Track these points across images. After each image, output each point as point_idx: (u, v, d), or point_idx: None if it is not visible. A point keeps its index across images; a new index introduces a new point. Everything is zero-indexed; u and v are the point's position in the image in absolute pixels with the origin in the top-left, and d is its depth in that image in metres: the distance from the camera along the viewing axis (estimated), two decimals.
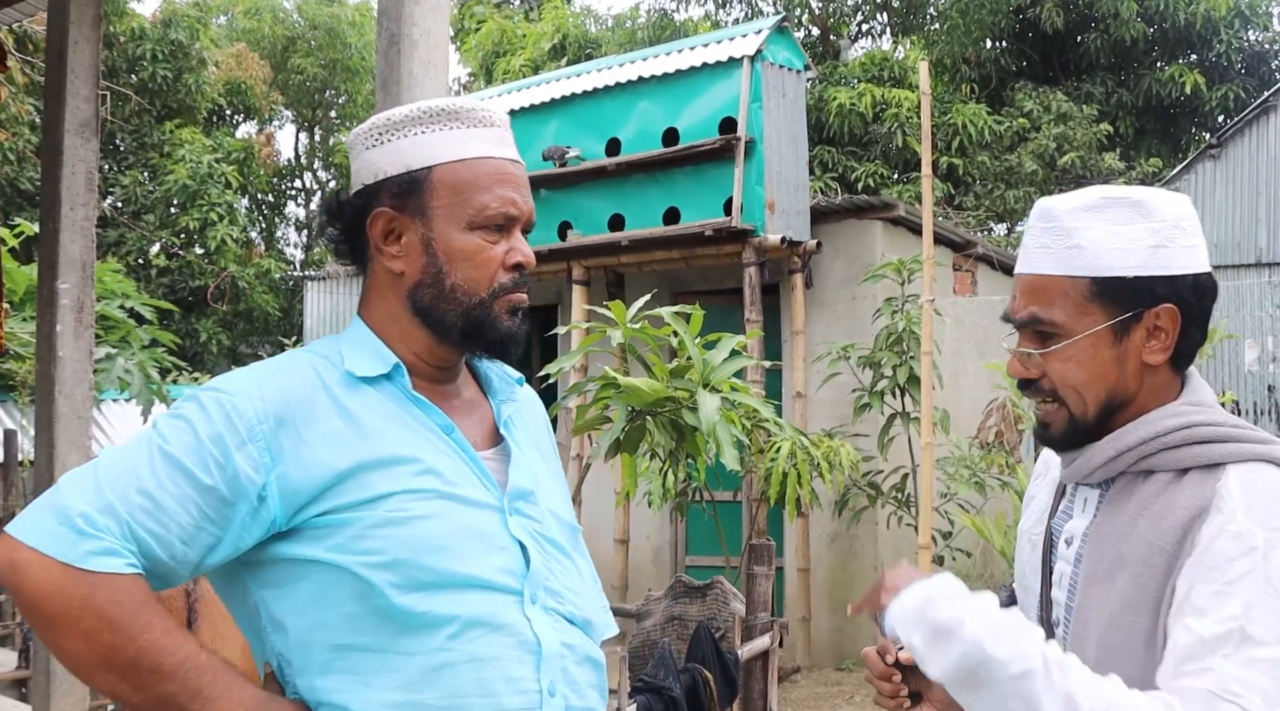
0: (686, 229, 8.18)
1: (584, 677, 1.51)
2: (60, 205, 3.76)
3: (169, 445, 1.37)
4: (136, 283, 12.13)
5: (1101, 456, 1.53)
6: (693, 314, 4.38)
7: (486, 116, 1.56)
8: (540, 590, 1.48)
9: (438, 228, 1.50)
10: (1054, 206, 1.55)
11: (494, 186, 1.52)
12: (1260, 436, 1.49)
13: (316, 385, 1.46)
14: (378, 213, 1.52)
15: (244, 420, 1.39)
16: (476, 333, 1.52)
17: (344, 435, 1.43)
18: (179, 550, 1.35)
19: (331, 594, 1.39)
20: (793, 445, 6.72)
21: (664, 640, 3.84)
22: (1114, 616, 1.46)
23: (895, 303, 7.63)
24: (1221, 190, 14.08)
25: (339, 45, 21.85)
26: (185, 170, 17.07)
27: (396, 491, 1.41)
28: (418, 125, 1.53)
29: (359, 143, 1.57)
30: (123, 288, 7.29)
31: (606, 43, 17.26)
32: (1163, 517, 1.44)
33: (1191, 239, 1.52)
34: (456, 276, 1.50)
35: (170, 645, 1.33)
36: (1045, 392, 1.56)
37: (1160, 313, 1.50)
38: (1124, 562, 1.46)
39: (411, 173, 1.51)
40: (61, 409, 3.70)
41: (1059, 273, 1.52)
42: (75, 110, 3.79)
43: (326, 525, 1.39)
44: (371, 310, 1.57)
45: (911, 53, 16.11)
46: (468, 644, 1.39)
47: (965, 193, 14.74)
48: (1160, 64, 15.96)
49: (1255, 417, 13.23)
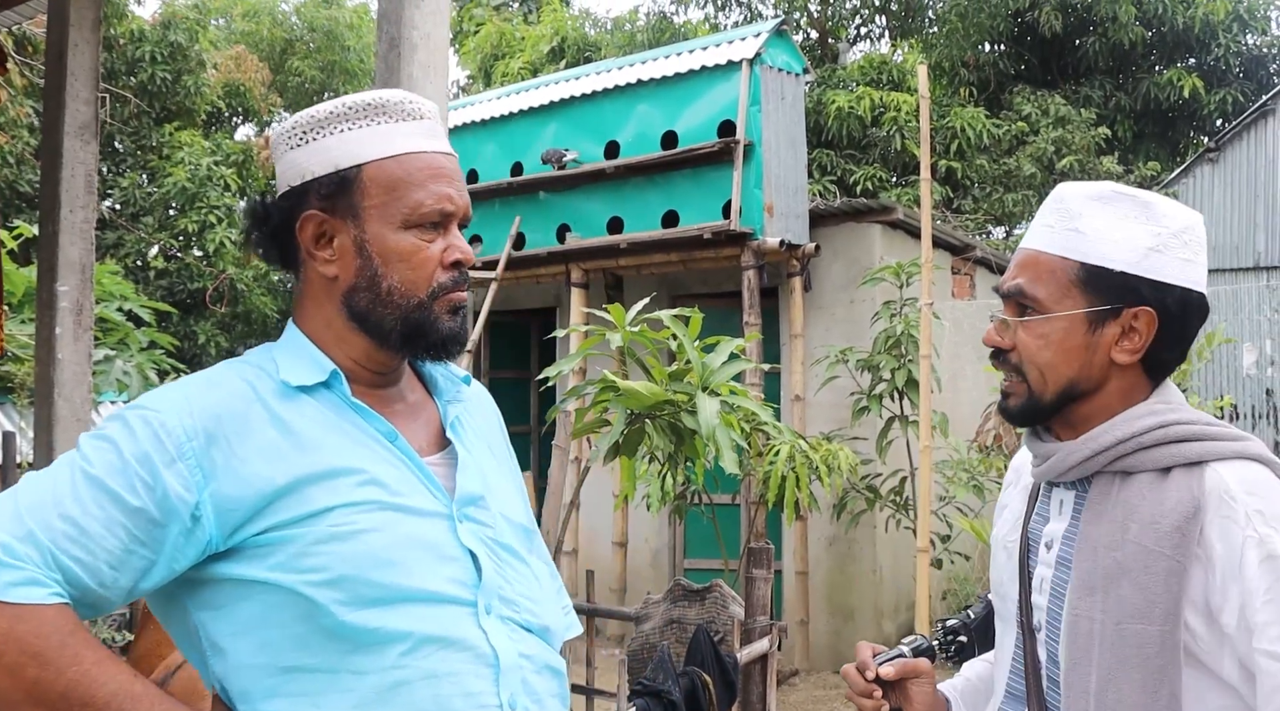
0: (685, 232, 8.19)
1: (544, 687, 1.46)
2: (60, 208, 3.77)
3: (92, 467, 1.30)
4: (135, 285, 12.14)
5: (1076, 456, 1.54)
6: (692, 317, 4.38)
7: (415, 108, 1.48)
8: (495, 599, 1.43)
9: (371, 228, 1.44)
10: (1067, 191, 1.59)
11: (428, 182, 1.45)
12: (1234, 433, 1.51)
13: (250, 397, 1.40)
14: (307, 216, 1.45)
15: (172, 437, 1.33)
16: (417, 335, 1.46)
17: (281, 448, 1.37)
18: (108, 576, 1.29)
19: (275, 614, 1.33)
20: (791, 448, 6.72)
21: (663, 643, 3.84)
22: (1121, 625, 1.46)
23: (894, 306, 7.64)
24: (1219, 194, 14.09)
25: (337, 48, 21.85)
26: (184, 172, 17.06)
27: (338, 505, 1.36)
28: (344, 121, 1.45)
29: (282, 143, 1.49)
30: (121, 290, 7.30)
31: (606, 45, 17.28)
32: (1156, 522, 1.45)
33: (1190, 253, 1.53)
34: (393, 278, 1.44)
35: (101, 676, 1.26)
36: (1012, 366, 1.59)
37: (1138, 314, 1.52)
38: (1123, 570, 1.47)
39: (340, 172, 1.44)
40: (60, 411, 3.71)
41: (1053, 251, 1.56)
42: (75, 113, 3.80)
43: (266, 543, 1.34)
44: (306, 316, 1.50)
45: (910, 56, 16.12)
46: (422, 660, 1.34)
47: (964, 196, 14.75)
48: (1158, 68, 15.98)
49: (1253, 421, 13.24)
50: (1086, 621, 1.50)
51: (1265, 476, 1.46)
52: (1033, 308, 1.56)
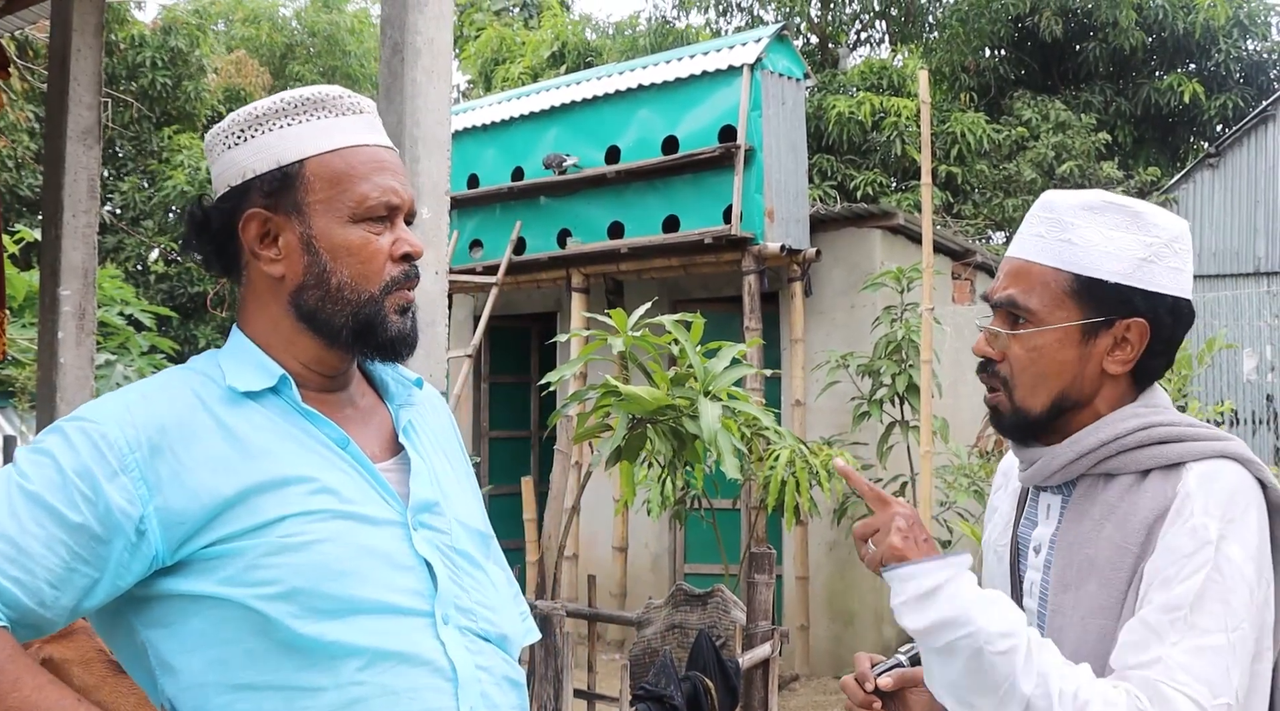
0: (686, 237, 8.20)
1: (504, 699, 1.43)
2: (62, 212, 3.77)
3: (30, 483, 1.26)
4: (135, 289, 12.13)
5: (1060, 460, 1.55)
6: (694, 322, 4.38)
7: (354, 103, 1.46)
8: (451, 609, 1.40)
9: (317, 224, 1.40)
10: (1056, 200, 1.58)
11: (371, 174, 1.42)
12: (1215, 434, 1.51)
13: (195, 405, 1.36)
14: (250, 214, 1.41)
15: (114, 449, 1.28)
16: (367, 333, 1.42)
17: (228, 458, 1.32)
18: (49, 595, 1.24)
19: (226, 630, 1.29)
20: (792, 453, 6.72)
21: (665, 648, 3.85)
22: (1084, 621, 1.48)
23: (894, 311, 7.64)
24: (1220, 199, 14.10)
25: (338, 53, 21.88)
26: (184, 176, 17.08)
27: (289, 514, 1.32)
28: (283, 117, 1.42)
29: (219, 143, 1.45)
30: (122, 294, 7.30)
31: (607, 50, 17.29)
32: (1127, 520, 1.47)
33: (1180, 261, 1.54)
34: (343, 273, 1.40)
35: (44, 702, 1.22)
36: (999, 378, 1.59)
37: (1131, 325, 1.53)
38: (1093, 567, 1.49)
39: (283, 168, 1.40)
40: (62, 414, 3.71)
41: (1046, 262, 1.55)
42: (78, 118, 3.81)
43: (215, 557, 1.29)
44: (251, 320, 1.45)
45: (910, 61, 16.14)
46: (379, 675, 1.31)
47: (964, 201, 14.76)
48: (1159, 73, 15.99)
49: (1254, 427, 13.24)
50: (1061, 617, 1.51)
51: (1234, 474, 1.46)
52: (1025, 318, 1.55)
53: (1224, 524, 1.42)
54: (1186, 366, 7.13)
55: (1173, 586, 1.40)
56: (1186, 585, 1.40)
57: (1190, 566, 1.40)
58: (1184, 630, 1.38)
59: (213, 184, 1.47)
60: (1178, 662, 1.37)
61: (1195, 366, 7.39)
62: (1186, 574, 1.40)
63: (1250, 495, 1.46)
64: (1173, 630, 1.38)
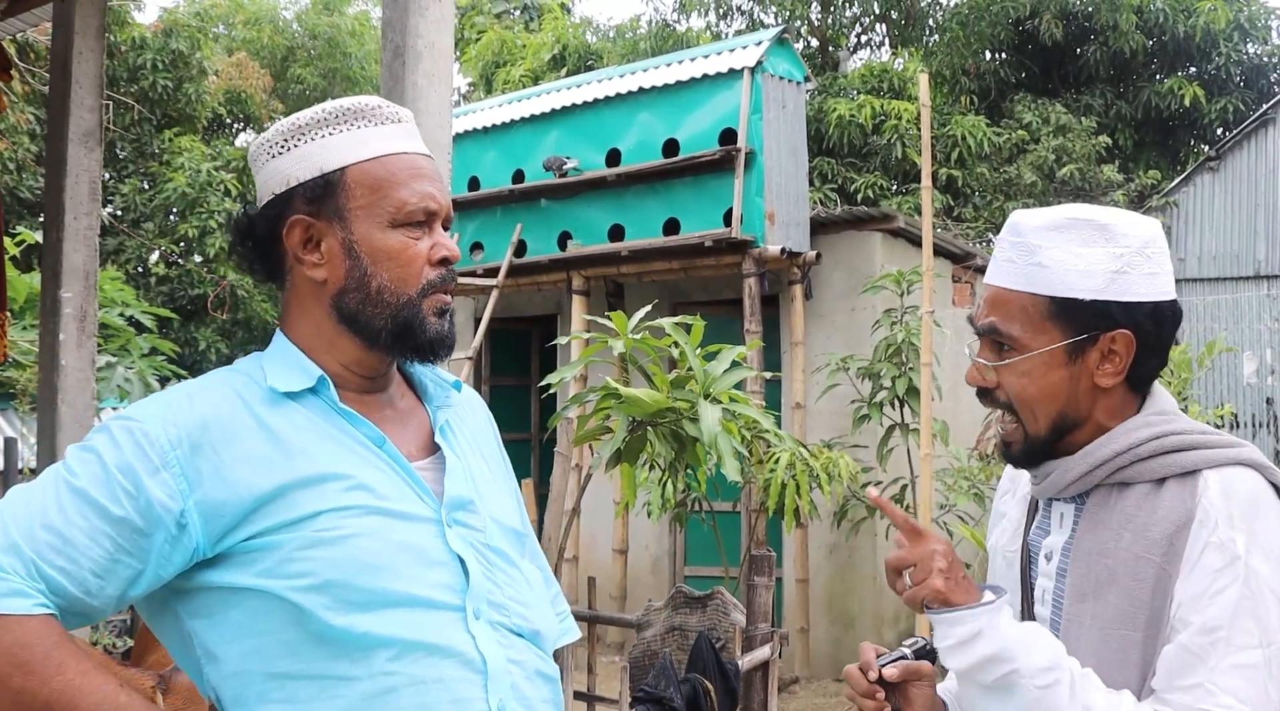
0: (686, 240, 8.20)
1: (536, 694, 1.46)
2: (64, 214, 3.78)
3: (76, 479, 1.32)
4: (136, 291, 12.14)
5: (1075, 472, 1.55)
6: (694, 325, 4.39)
7: (392, 113, 1.51)
8: (483, 604, 1.43)
9: (358, 229, 1.45)
10: (1022, 222, 1.58)
11: (411, 181, 1.47)
12: (1228, 440, 1.52)
13: (236, 404, 1.41)
14: (294, 221, 1.46)
15: (155, 447, 1.34)
16: (406, 335, 1.47)
17: (267, 455, 1.38)
18: (94, 585, 1.31)
19: (263, 621, 1.34)
20: (792, 456, 6.73)
21: (665, 650, 3.85)
22: (1105, 630, 1.48)
23: (895, 314, 7.65)
24: (1220, 202, 14.11)
25: (338, 55, 21.89)
26: (184, 178, 17.09)
27: (325, 510, 1.36)
28: (324, 127, 1.48)
29: (263, 153, 1.51)
30: (123, 296, 7.31)
31: (608, 53, 17.30)
32: (1147, 529, 1.47)
33: (1155, 266, 1.54)
34: (382, 277, 1.45)
35: (86, 687, 1.27)
36: (1001, 404, 1.60)
37: (1116, 337, 1.53)
38: (1113, 577, 1.49)
39: (325, 175, 1.45)
40: (64, 417, 3.72)
41: (1020, 288, 1.55)
42: (79, 120, 3.81)
43: (254, 549, 1.34)
44: (294, 324, 1.51)
45: (910, 64, 16.14)
46: (410, 666, 1.34)
47: (964, 204, 14.77)
48: (1159, 76, 16.00)
49: (1254, 430, 13.24)
50: (1078, 627, 1.52)
51: (1251, 481, 1.47)
52: (1010, 345, 1.56)
53: (1248, 537, 1.42)
54: (1187, 370, 7.14)
55: (1206, 607, 1.41)
56: (1219, 603, 1.41)
57: (1220, 582, 1.41)
58: (1222, 651, 1.39)
59: (257, 192, 1.52)
60: (1218, 685, 1.38)
61: (1195, 370, 7.39)
62: (1217, 591, 1.41)
63: (1268, 501, 1.47)
64: (1213, 652, 1.39)
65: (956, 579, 1.50)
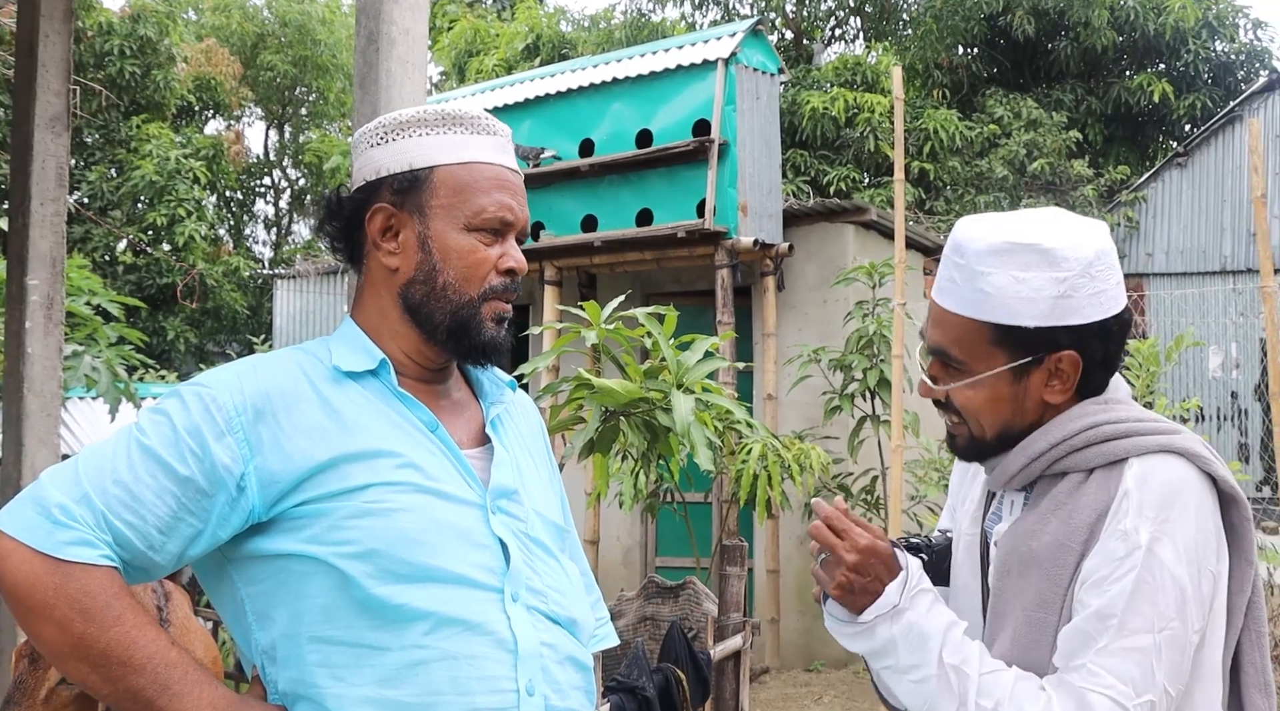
0: (659, 230, 8.19)
1: (566, 678, 1.50)
2: (30, 200, 3.72)
3: (147, 438, 1.40)
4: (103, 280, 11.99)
5: (1014, 465, 1.59)
6: (667, 315, 4.38)
7: (490, 125, 1.58)
8: (522, 589, 1.48)
9: (435, 226, 1.53)
10: (965, 242, 1.57)
11: (493, 191, 1.54)
12: (1166, 427, 1.53)
13: (299, 379, 1.49)
14: (377, 208, 1.54)
15: (222, 412, 1.41)
16: (461, 334, 1.53)
17: (325, 428, 1.45)
18: (157, 540, 1.38)
19: (307, 585, 1.40)
20: (763, 447, 6.74)
21: (637, 640, 3.85)
22: (1027, 612, 1.52)
23: (866, 306, 7.67)
24: (1187, 198, 14.24)
25: (309, 42, 21.72)
26: (152, 166, 16.92)
27: (375, 483, 1.43)
28: (423, 127, 1.55)
29: (364, 141, 1.59)
30: (90, 284, 7.19)
31: (583, 43, 17.26)
32: (1071, 517, 1.50)
33: (1101, 284, 1.52)
34: (449, 275, 1.52)
35: (141, 639, 1.35)
36: (954, 410, 1.63)
37: (1062, 358, 1.54)
38: (1035, 560, 1.52)
39: (414, 170, 1.53)
40: (30, 406, 3.67)
41: (963, 314, 1.56)
42: (46, 104, 3.76)
43: (304, 516, 1.41)
44: (364, 308, 1.59)
45: (884, 58, 16.20)
46: (442, 641, 1.40)
47: (936, 197, 14.84)
48: (1129, 72, 16.13)
49: (1219, 423, 13.39)
50: (1002, 603, 1.56)
51: (1176, 469, 1.49)
52: (956, 366, 1.58)
53: (1157, 525, 1.44)
54: (1155, 363, 7.20)
55: (1104, 591, 1.45)
56: (1116, 589, 1.44)
57: (1120, 570, 1.44)
58: (1114, 634, 1.42)
59: (352, 177, 1.61)
60: (1102, 666, 1.42)
61: (1163, 364, 7.46)
62: (1116, 577, 1.44)
63: (1191, 491, 1.48)
64: (1103, 635, 1.43)
65: (856, 589, 1.57)
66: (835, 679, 7.74)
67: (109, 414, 6.87)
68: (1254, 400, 13.33)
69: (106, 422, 7.59)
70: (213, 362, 17.01)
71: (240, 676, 4.51)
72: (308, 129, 23.94)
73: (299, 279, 14.42)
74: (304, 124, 24.01)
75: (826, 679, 7.74)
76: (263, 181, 24.07)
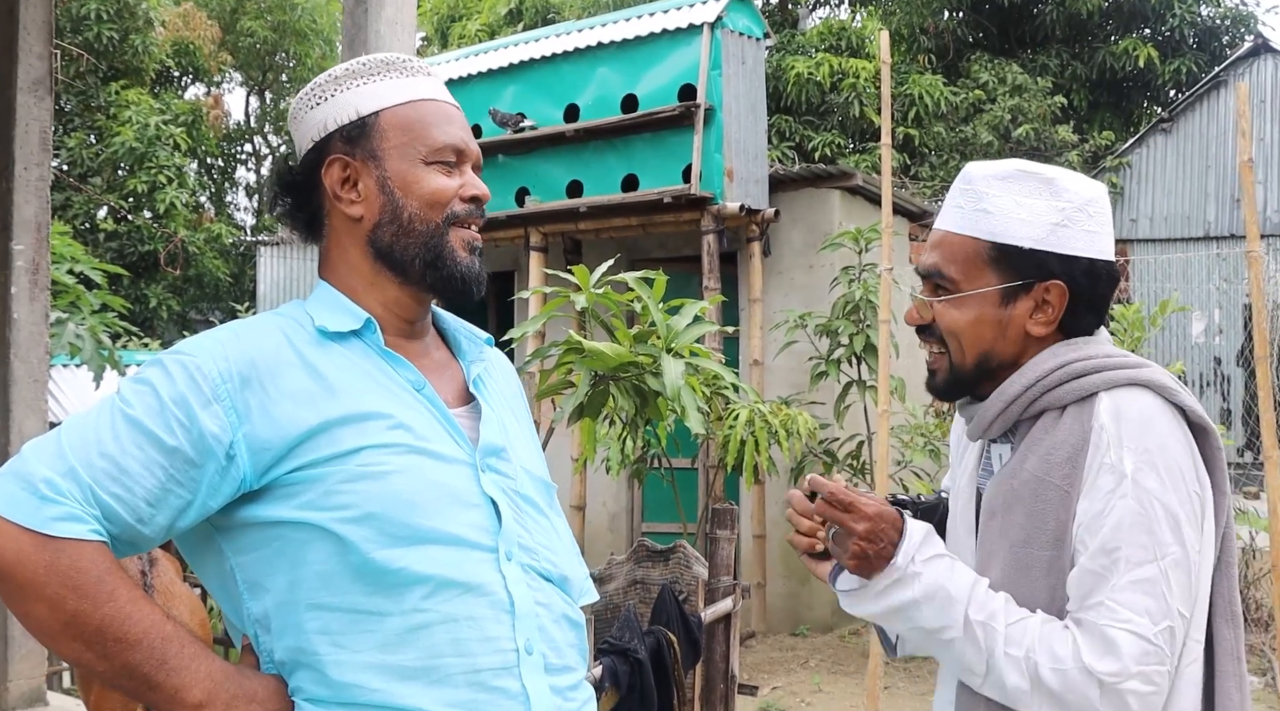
0: (645, 196, 8.17)
1: (561, 636, 1.51)
2: (14, 165, 3.69)
3: (131, 409, 1.37)
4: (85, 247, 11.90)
5: (992, 410, 1.63)
6: (656, 279, 4.38)
7: (422, 67, 1.60)
8: (514, 547, 1.48)
9: (392, 166, 1.52)
10: (973, 171, 1.66)
11: (442, 122, 1.56)
12: (1133, 361, 1.58)
13: (282, 343, 1.46)
14: (332, 159, 1.53)
15: (208, 380, 1.38)
16: (437, 264, 1.53)
17: (312, 392, 1.43)
18: (145, 513, 1.35)
19: (304, 553, 1.38)
20: (750, 412, 6.76)
21: (627, 603, 3.88)
22: (1013, 549, 1.57)
23: (852, 271, 7.68)
24: (1172, 164, 14.27)
25: (287, 7, 21.47)
26: (132, 132, 16.76)
27: (367, 445, 1.41)
28: (359, 77, 1.56)
29: (302, 106, 1.58)
30: (71, 251, 7.13)
31: (567, 7, 17.11)
32: (1049, 454, 1.55)
33: (1095, 225, 1.61)
34: (412, 207, 1.52)
35: (135, 614, 1.32)
36: (935, 337, 1.67)
37: (1050, 287, 1.60)
38: (1018, 498, 1.57)
39: (361, 117, 1.53)
40: (17, 372, 3.65)
41: (963, 232, 1.63)
42: (28, 68, 3.72)
43: (297, 482, 1.39)
44: (333, 267, 1.57)
45: (869, 22, 16.13)
46: (442, 604, 1.39)
47: (921, 163, 14.83)
48: (1114, 37, 16.10)
49: (1201, 389, 13.48)
50: (990, 543, 1.60)
51: (1144, 401, 1.53)
52: (948, 287, 1.63)
53: (1138, 455, 1.49)
54: (1139, 329, 7.24)
55: (1101, 527, 1.49)
56: (1111, 523, 1.48)
57: (1112, 503, 1.49)
58: (1122, 569, 1.47)
59: (296, 148, 1.59)
60: (1117, 601, 1.47)
61: (1147, 329, 7.50)
62: (1110, 511, 1.49)
63: (1163, 420, 1.53)
64: (1111, 571, 1.47)
65: (871, 556, 1.59)
66: (821, 643, 7.81)
67: (93, 381, 6.84)
68: (1237, 366, 13.42)
69: (91, 390, 7.54)
70: (195, 330, 16.92)
71: (229, 642, 4.51)
72: (288, 95, 23.72)
73: (283, 246, 14.34)
74: (285, 90, 23.79)
75: (812, 643, 7.81)
76: (244, 148, 23.87)
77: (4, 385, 3.65)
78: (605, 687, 3.29)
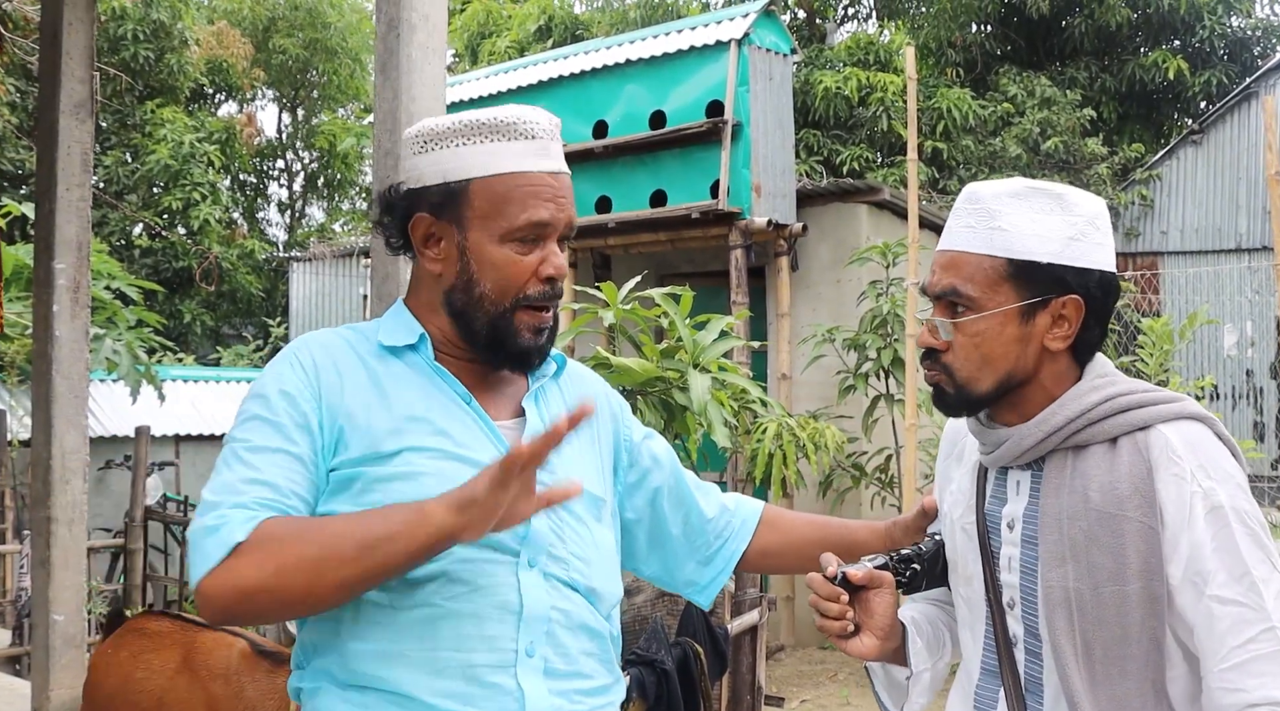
0: (673, 211, 8.22)
1: (576, 645, 1.55)
2: (56, 186, 3.78)
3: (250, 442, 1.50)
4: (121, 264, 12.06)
5: (1030, 439, 1.61)
6: (683, 295, 4.42)
7: (528, 129, 1.59)
8: (542, 555, 1.53)
9: (472, 237, 1.57)
10: (980, 191, 1.65)
11: (527, 200, 1.56)
12: (1170, 396, 1.60)
13: (349, 352, 1.59)
14: (418, 218, 1.60)
15: (309, 383, 1.54)
16: (498, 343, 1.58)
17: (368, 395, 1.54)
18: (294, 506, 1.47)
19: None
20: (778, 426, 6.78)
21: (655, 615, 3.91)
22: (1098, 589, 1.53)
23: (880, 286, 7.70)
24: (1202, 176, 14.18)
25: (319, 25, 21.70)
26: (167, 150, 16.97)
27: (406, 448, 1.50)
28: (458, 138, 1.57)
29: (407, 147, 1.64)
30: (108, 268, 7.25)
31: (596, 24, 17.21)
32: (1114, 487, 1.54)
33: (1103, 237, 1.62)
34: (485, 285, 1.57)
35: (336, 523, 1.41)
36: (941, 365, 1.65)
37: (1066, 302, 1.60)
38: (1091, 539, 1.54)
39: (448, 184, 1.57)
40: (59, 388, 3.74)
41: (979, 251, 1.62)
42: (70, 92, 3.81)
43: (342, 480, 1.50)
44: (415, 295, 1.67)
45: (897, 36, 16.13)
46: (449, 600, 1.47)
47: (949, 177, 14.80)
48: (1144, 49, 16.03)
49: (1233, 401, 13.37)
50: (1061, 591, 1.56)
51: (1204, 433, 1.56)
52: (965, 306, 1.62)
53: (1224, 482, 1.51)
54: (1168, 341, 7.21)
55: (1220, 556, 1.48)
56: (1230, 549, 1.49)
57: (1222, 532, 1.49)
58: (1262, 589, 1.47)
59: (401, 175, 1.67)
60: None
61: (1176, 341, 7.46)
62: (1223, 539, 1.49)
63: (1220, 449, 1.56)
64: (1258, 595, 1.47)
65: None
66: (849, 658, 7.78)
67: (130, 396, 6.95)
68: (1269, 378, 13.31)
69: (128, 405, 7.66)
70: (229, 345, 17.11)
71: None
72: (320, 112, 23.96)
73: (315, 261, 14.48)
74: (316, 107, 24.03)
75: (840, 657, 7.80)
76: (276, 164, 24.11)
77: (47, 401, 3.73)
78: (632, 698, 3.32)
